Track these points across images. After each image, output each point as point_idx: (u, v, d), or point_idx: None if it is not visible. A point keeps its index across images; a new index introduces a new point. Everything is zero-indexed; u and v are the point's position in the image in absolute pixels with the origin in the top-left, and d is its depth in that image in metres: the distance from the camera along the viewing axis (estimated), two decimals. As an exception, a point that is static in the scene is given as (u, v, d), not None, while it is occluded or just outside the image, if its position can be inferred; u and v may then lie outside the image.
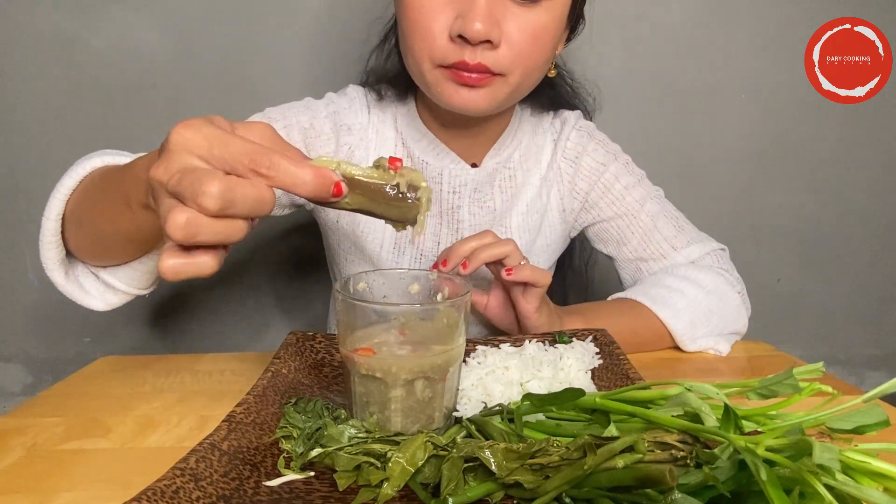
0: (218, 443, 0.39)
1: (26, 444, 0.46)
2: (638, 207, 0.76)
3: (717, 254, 0.78)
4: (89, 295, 0.58)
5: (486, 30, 0.56)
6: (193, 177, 0.33)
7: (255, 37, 0.98)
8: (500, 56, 0.59)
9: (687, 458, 0.35)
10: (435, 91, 0.62)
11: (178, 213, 0.33)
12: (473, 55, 0.58)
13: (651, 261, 0.77)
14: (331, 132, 0.72)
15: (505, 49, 0.59)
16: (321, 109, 0.72)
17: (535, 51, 0.60)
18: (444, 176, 0.73)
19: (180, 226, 0.33)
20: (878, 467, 0.31)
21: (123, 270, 0.58)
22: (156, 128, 0.99)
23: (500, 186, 0.76)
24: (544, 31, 0.60)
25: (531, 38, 0.59)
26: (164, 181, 0.35)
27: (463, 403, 0.49)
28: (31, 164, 0.99)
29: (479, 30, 0.55)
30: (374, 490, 0.37)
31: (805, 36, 1.04)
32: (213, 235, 0.34)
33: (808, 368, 0.40)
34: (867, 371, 1.24)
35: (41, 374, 1.08)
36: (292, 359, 0.56)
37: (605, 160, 0.76)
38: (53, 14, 0.95)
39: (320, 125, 0.71)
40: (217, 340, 1.10)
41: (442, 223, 0.75)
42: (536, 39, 0.60)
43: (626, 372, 0.54)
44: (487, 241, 0.62)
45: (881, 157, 1.14)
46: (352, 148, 0.73)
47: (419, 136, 0.73)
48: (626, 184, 0.76)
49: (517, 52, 0.59)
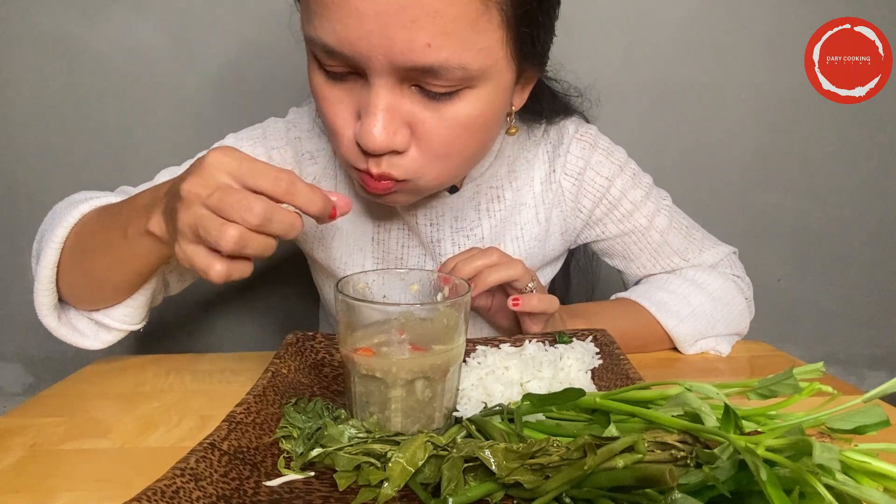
0: (218, 443, 0.39)
1: (26, 444, 0.46)
2: (647, 224, 0.71)
3: (730, 258, 0.76)
4: (83, 336, 0.59)
5: (385, 141, 0.48)
6: (240, 196, 0.40)
7: (255, 37, 0.98)
8: (409, 162, 0.51)
9: (687, 458, 0.35)
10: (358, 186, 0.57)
11: (231, 228, 0.40)
12: (377, 165, 0.51)
13: (661, 274, 0.75)
14: (292, 162, 0.67)
15: (415, 154, 0.51)
16: (280, 136, 0.67)
17: (464, 141, 0.52)
18: (419, 208, 0.65)
19: (234, 238, 0.40)
20: (878, 467, 0.31)
21: (116, 309, 0.59)
22: (156, 128, 1.00)
23: (486, 211, 0.68)
24: (475, 118, 0.50)
25: (456, 134, 0.50)
26: (202, 195, 0.41)
27: (463, 403, 0.49)
28: (31, 163, 0.99)
29: (376, 143, 0.48)
30: (374, 490, 0.37)
31: (805, 36, 1.04)
32: (255, 249, 0.42)
33: (808, 368, 0.40)
34: (867, 371, 1.24)
35: (41, 374, 1.08)
36: (292, 359, 0.56)
37: (610, 174, 0.69)
38: (53, 14, 0.94)
39: (280, 156, 0.66)
40: (217, 340, 1.10)
41: (426, 255, 0.69)
42: (466, 129, 0.51)
43: (626, 372, 0.54)
44: (494, 261, 0.57)
45: (881, 158, 1.14)
46: (316, 178, 0.67)
47: None
48: (633, 199, 0.70)
49: (434, 153, 0.51)
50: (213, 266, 0.42)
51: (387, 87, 0.47)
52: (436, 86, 0.47)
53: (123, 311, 0.59)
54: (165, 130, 1.00)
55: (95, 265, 0.54)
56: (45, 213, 1.01)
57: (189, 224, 0.41)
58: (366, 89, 0.48)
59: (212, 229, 0.40)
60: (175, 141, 1.00)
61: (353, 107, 0.50)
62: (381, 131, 0.48)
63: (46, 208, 1.01)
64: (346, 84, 0.49)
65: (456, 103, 0.49)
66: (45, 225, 0.59)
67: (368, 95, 0.48)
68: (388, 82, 0.47)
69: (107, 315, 0.59)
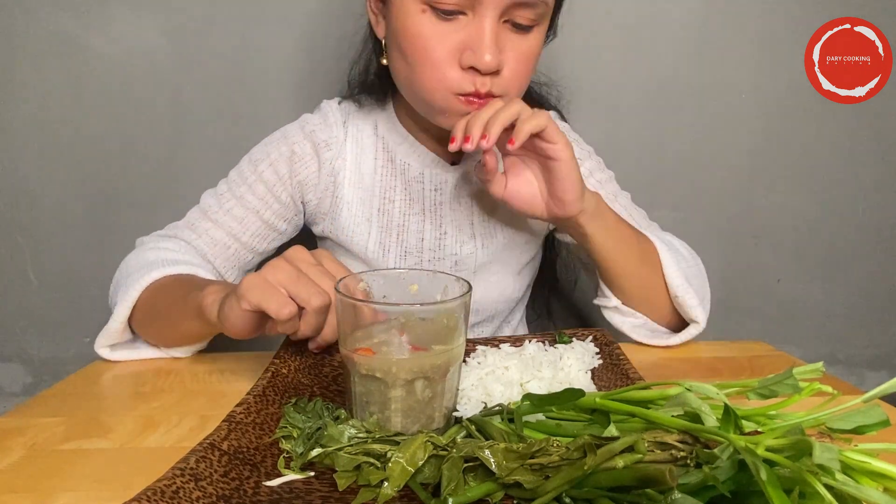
0: (218, 443, 0.39)
1: (26, 444, 0.46)
2: (612, 200, 0.78)
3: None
4: (139, 351, 0.67)
5: (496, 62, 0.60)
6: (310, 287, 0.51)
7: (255, 38, 0.98)
8: (503, 81, 0.63)
9: (687, 459, 0.35)
10: (439, 116, 0.66)
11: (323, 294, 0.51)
12: (484, 84, 0.62)
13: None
14: (311, 152, 0.75)
15: (506, 74, 0.63)
16: (298, 133, 0.76)
17: (528, 72, 0.66)
18: (426, 176, 0.76)
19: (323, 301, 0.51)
20: (878, 467, 0.31)
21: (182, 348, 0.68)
22: (156, 128, 1.00)
23: (478, 183, 0.76)
24: (535, 53, 0.65)
25: (526, 62, 0.64)
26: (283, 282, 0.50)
27: (463, 403, 0.49)
28: (31, 163, 0.99)
29: (489, 62, 0.59)
30: (374, 490, 0.37)
31: (805, 36, 1.04)
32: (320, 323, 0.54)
33: (807, 368, 0.40)
34: (867, 371, 1.24)
35: (41, 374, 1.08)
36: (292, 359, 0.56)
37: (580, 156, 0.76)
38: (54, 14, 0.94)
39: (301, 149, 0.75)
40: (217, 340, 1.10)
41: (425, 220, 0.77)
42: (529, 62, 0.65)
43: (626, 372, 0.54)
44: (497, 108, 0.59)
45: (881, 157, 1.13)
46: (332, 162, 0.76)
47: (400, 139, 0.76)
48: (599, 178, 0.79)
49: (515, 75, 0.64)
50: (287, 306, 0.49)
51: (493, 20, 0.59)
52: (524, 17, 0.61)
53: (189, 349, 0.68)
54: (165, 130, 0.99)
55: (161, 324, 0.65)
56: (46, 212, 1.02)
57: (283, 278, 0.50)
58: (473, 24, 0.60)
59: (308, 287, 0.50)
60: (175, 141, 1.00)
61: (457, 42, 0.60)
62: (493, 54, 0.59)
63: (47, 208, 1.02)
64: (452, 22, 0.60)
65: (530, 36, 0.63)
66: (121, 274, 0.72)
67: (478, 28, 0.59)
68: (493, 15, 0.59)
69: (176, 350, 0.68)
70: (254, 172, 0.75)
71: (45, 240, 1.02)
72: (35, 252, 1.03)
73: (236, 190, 0.75)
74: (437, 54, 0.61)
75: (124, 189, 1.01)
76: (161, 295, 0.64)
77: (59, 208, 1.01)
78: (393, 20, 0.63)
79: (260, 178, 0.75)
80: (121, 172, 1.00)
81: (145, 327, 0.66)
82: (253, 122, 0.98)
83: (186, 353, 0.67)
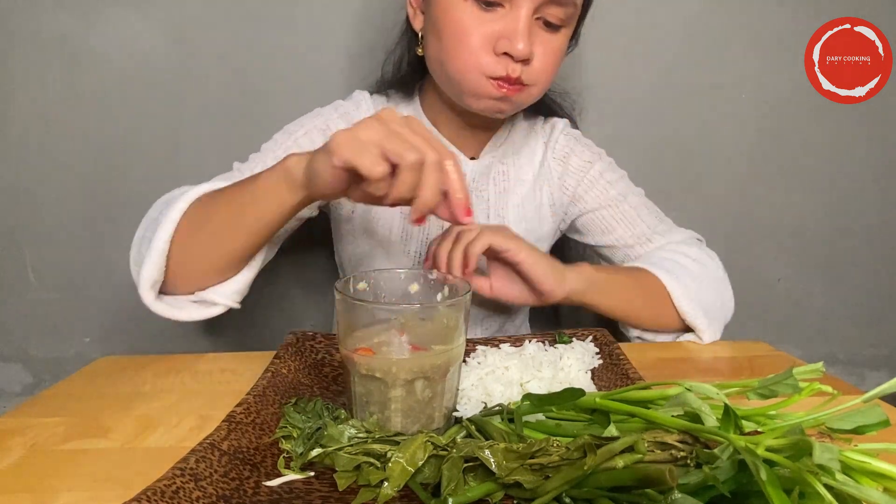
0: (218, 443, 0.39)
1: (26, 444, 0.46)
2: (621, 199, 0.82)
3: (696, 241, 0.85)
4: (180, 309, 0.63)
5: (528, 51, 0.65)
6: (404, 143, 0.49)
7: (255, 38, 0.98)
8: (532, 71, 0.68)
9: (687, 459, 0.35)
10: (469, 98, 0.70)
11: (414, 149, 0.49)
12: (515, 70, 0.66)
13: (637, 246, 0.82)
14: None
15: (536, 65, 0.68)
16: (332, 112, 0.78)
17: (554, 68, 0.71)
18: None
19: (407, 183, 0.50)
20: (878, 467, 0.31)
21: (225, 286, 0.64)
22: (156, 128, 1.00)
23: (494, 180, 0.81)
24: (561, 51, 0.71)
25: (553, 58, 0.69)
26: (375, 139, 0.49)
27: (463, 403, 0.49)
28: (31, 163, 0.99)
29: (522, 50, 0.65)
30: (374, 490, 0.37)
31: (805, 36, 1.04)
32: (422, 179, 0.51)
33: (807, 368, 0.40)
34: (867, 371, 1.24)
35: (41, 374, 1.08)
36: (292, 359, 0.56)
37: (591, 159, 0.84)
38: (53, 14, 0.94)
39: (335, 125, 0.77)
40: (217, 340, 1.10)
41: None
42: (556, 58, 0.70)
43: (626, 372, 0.54)
44: (447, 245, 0.63)
45: (881, 157, 1.13)
46: None
47: None
48: (609, 179, 0.83)
49: (543, 68, 0.69)
50: (379, 164, 0.48)
51: (528, 13, 0.65)
52: (554, 16, 0.67)
53: (232, 286, 0.64)
54: (165, 130, 1.00)
55: (218, 234, 0.60)
56: (46, 212, 1.01)
57: (374, 136, 0.49)
58: (509, 16, 0.65)
59: (402, 143, 0.49)
60: (175, 141, 1.00)
61: (494, 31, 0.65)
62: (526, 43, 0.65)
63: (47, 208, 1.02)
64: (492, 13, 0.66)
65: (558, 35, 0.69)
66: (154, 211, 0.65)
67: (514, 19, 0.65)
68: (528, 10, 0.64)
69: (214, 291, 0.63)
70: (290, 138, 0.76)
71: (45, 240, 1.02)
72: (35, 252, 1.03)
73: (269, 156, 0.75)
74: (475, 40, 0.66)
75: (124, 189, 1.01)
76: (215, 197, 0.61)
77: (59, 208, 1.01)
78: (434, 9, 0.68)
79: (296, 143, 0.75)
80: (120, 172, 1.00)
81: (191, 245, 0.60)
82: (253, 122, 0.98)
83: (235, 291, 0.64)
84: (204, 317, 0.64)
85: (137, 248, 0.63)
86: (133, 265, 0.63)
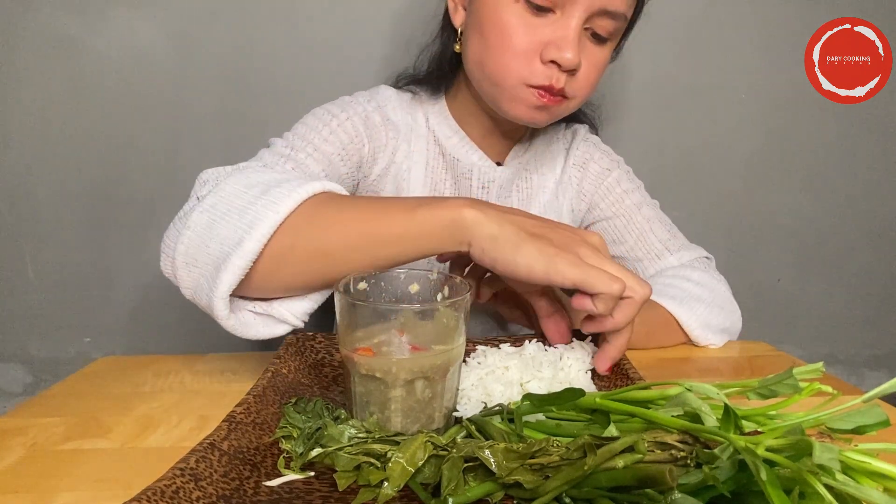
0: (218, 443, 0.39)
1: (26, 444, 0.46)
2: (635, 210, 0.82)
3: (704, 261, 0.83)
4: (248, 326, 0.54)
5: (577, 60, 0.63)
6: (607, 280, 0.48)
7: (256, 38, 0.98)
8: (576, 83, 0.67)
9: (687, 459, 0.35)
10: (505, 103, 0.68)
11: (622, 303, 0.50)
12: (560, 80, 0.65)
13: (646, 260, 0.81)
14: (380, 124, 0.74)
15: (581, 77, 0.66)
16: (366, 104, 0.74)
17: (596, 81, 0.69)
18: (474, 172, 0.78)
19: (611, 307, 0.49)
20: (878, 467, 0.31)
21: (298, 303, 0.54)
22: (156, 128, 1.00)
23: (517, 186, 0.81)
24: (604, 65, 0.69)
25: (597, 71, 0.68)
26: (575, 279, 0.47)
27: (463, 403, 0.49)
28: (31, 163, 0.99)
29: (570, 59, 0.63)
30: (374, 490, 0.37)
31: (805, 36, 1.04)
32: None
33: (807, 368, 0.39)
34: (867, 371, 1.24)
35: (41, 374, 1.08)
36: (292, 359, 0.56)
37: (609, 166, 0.83)
38: (53, 14, 0.95)
39: (371, 116, 0.74)
40: (217, 340, 1.10)
41: None
42: (599, 71, 0.69)
43: (626, 372, 0.54)
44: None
45: (881, 157, 1.14)
46: (397, 143, 0.75)
47: (450, 133, 0.78)
48: (625, 188, 0.82)
49: (586, 81, 0.67)
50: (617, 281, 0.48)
51: (578, 23, 0.63)
52: (603, 28, 0.65)
53: (305, 305, 0.54)
54: (165, 130, 1.00)
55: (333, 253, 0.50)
56: (46, 212, 1.01)
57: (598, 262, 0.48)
58: (559, 23, 0.63)
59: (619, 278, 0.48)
60: (175, 141, 1.00)
61: (543, 37, 0.63)
62: (575, 53, 0.63)
63: (47, 208, 1.02)
64: (542, 18, 0.63)
65: (604, 48, 0.67)
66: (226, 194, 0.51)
67: (565, 27, 0.63)
68: (580, 19, 0.62)
69: (286, 308, 0.54)
70: (332, 122, 0.70)
71: (45, 240, 1.02)
72: (35, 252, 1.03)
73: (316, 137, 0.68)
74: (522, 44, 0.64)
75: (124, 189, 1.01)
76: (341, 207, 0.52)
77: (59, 208, 1.01)
78: (480, 7, 0.66)
79: (341, 126, 0.70)
80: (121, 172, 1.00)
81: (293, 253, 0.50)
82: (253, 122, 0.98)
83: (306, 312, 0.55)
84: (269, 336, 0.55)
85: (199, 237, 0.50)
86: (185, 259, 0.51)
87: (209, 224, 0.50)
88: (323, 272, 0.51)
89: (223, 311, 0.50)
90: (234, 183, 0.52)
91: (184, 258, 0.51)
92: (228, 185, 0.52)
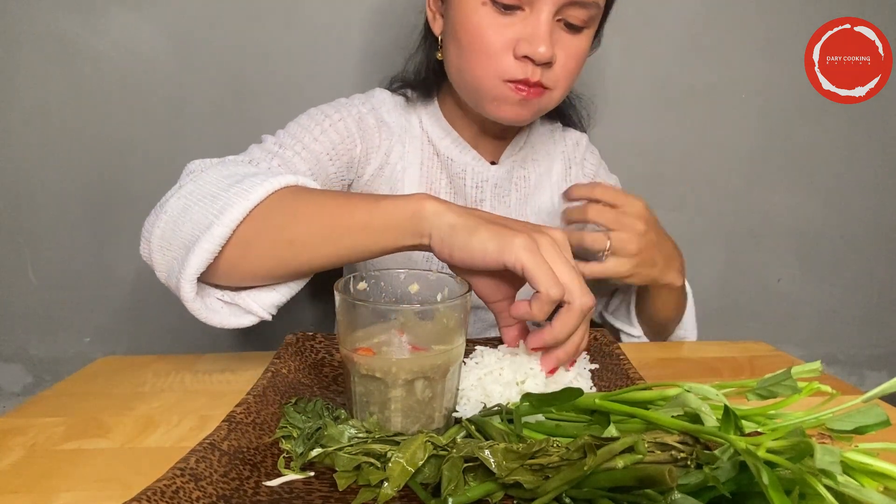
0: (218, 443, 0.39)
1: (26, 444, 0.46)
2: None
3: None
4: (214, 312, 0.55)
5: (550, 53, 0.64)
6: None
7: (256, 38, 0.98)
8: (553, 74, 0.67)
9: (687, 459, 0.35)
10: (487, 104, 0.69)
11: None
12: (535, 73, 0.65)
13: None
14: (374, 126, 0.75)
15: (557, 68, 0.67)
16: (360, 105, 0.76)
17: (576, 70, 0.70)
18: (468, 172, 0.79)
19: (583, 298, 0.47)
20: (878, 467, 0.31)
21: (266, 294, 0.56)
22: (156, 128, 1.00)
23: (515, 184, 0.82)
24: (584, 53, 0.69)
25: (575, 60, 0.68)
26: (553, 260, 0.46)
27: (463, 403, 0.49)
28: (31, 163, 0.99)
29: (543, 53, 0.63)
30: (374, 490, 0.37)
31: (805, 36, 1.04)
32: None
33: (805, 368, 0.39)
34: (867, 371, 1.24)
35: (41, 374, 1.08)
36: (292, 359, 0.56)
37: (595, 163, 0.89)
38: (53, 14, 0.94)
39: (365, 118, 0.75)
40: (217, 340, 1.10)
41: None
42: (577, 61, 0.69)
43: (626, 372, 0.54)
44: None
45: (881, 158, 1.14)
46: (391, 144, 0.76)
47: (444, 134, 0.79)
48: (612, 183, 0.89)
49: (564, 71, 0.68)
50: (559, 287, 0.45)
51: (548, 16, 0.63)
52: (576, 18, 0.65)
53: (272, 296, 0.56)
54: (165, 130, 1.00)
55: (298, 242, 0.52)
56: (46, 212, 1.01)
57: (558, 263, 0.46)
58: (530, 19, 0.64)
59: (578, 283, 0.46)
60: (175, 141, 1.00)
61: (513, 34, 0.64)
62: (547, 46, 0.63)
63: (47, 208, 1.01)
64: (511, 16, 0.64)
65: (580, 37, 0.67)
66: (204, 183, 0.54)
67: (535, 22, 0.63)
68: (549, 13, 0.63)
69: (253, 299, 0.55)
70: (324, 121, 0.71)
71: (45, 240, 1.02)
72: (35, 252, 1.03)
73: (307, 136, 0.69)
74: (494, 44, 0.64)
75: (124, 189, 1.01)
76: (308, 199, 0.53)
77: (59, 208, 1.01)
78: (453, 14, 0.67)
79: (333, 126, 0.71)
80: (120, 172, 1.00)
81: (259, 241, 0.52)
82: (253, 123, 0.98)
83: (274, 304, 0.56)
84: (236, 326, 0.56)
85: (174, 221, 0.52)
86: (160, 242, 0.53)
87: (184, 209, 0.53)
88: (287, 260, 0.53)
89: (189, 294, 0.52)
90: (214, 173, 0.55)
91: (159, 241, 0.53)
92: (207, 175, 0.55)
